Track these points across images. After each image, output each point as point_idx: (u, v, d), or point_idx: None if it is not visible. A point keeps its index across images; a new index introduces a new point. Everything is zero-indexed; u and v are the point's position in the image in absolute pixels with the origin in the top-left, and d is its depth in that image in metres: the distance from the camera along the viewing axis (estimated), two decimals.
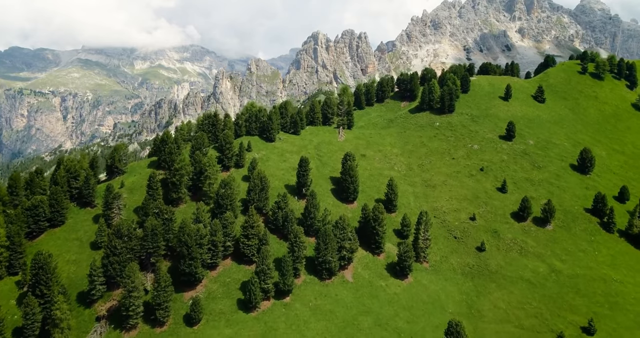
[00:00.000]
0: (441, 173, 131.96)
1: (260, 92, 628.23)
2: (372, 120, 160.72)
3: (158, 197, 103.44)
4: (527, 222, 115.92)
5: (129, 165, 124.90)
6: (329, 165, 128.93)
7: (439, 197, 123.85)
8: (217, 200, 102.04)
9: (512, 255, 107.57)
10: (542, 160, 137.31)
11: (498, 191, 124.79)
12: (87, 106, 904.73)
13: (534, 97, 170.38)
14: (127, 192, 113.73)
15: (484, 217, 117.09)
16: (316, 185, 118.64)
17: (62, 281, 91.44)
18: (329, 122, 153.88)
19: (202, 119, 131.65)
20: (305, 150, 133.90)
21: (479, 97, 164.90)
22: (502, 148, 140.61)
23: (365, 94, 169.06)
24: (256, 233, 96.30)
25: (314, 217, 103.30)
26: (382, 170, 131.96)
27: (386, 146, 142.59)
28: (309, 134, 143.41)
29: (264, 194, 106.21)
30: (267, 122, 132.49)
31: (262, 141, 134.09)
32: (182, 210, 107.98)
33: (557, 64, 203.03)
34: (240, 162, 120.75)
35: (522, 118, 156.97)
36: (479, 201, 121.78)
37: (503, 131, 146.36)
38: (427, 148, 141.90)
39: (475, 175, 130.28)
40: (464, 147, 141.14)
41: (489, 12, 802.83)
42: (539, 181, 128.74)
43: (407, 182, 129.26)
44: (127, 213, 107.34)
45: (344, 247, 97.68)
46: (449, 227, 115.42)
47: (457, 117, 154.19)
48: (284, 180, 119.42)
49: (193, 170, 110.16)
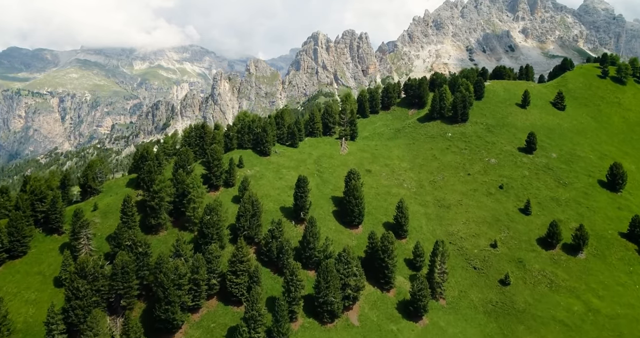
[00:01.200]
0: (456, 191, 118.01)
1: (260, 93, 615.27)
2: (377, 130, 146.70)
3: (133, 225, 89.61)
4: (556, 249, 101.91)
5: (105, 183, 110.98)
6: (331, 183, 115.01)
7: (455, 219, 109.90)
8: (201, 229, 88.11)
9: (541, 290, 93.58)
10: (568, 175, 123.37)
11: (521, 213, 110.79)
12: (86, 107, 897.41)
13: (553, 103, 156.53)
14: (101, 216, 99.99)
15: (506, 244, 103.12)
16: (316, 207, 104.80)
17: (18, 327, 77.86)
18: (330, 132, 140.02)
19: (189, 131, 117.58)
20: (304, 165, 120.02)
21: (494, 104, 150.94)
22: (523, 162, 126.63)
23: (370, 100, 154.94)
24: (246, 269, 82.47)
25: (314, 247, 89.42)
26: (389, 187, 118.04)
27: (394, 160, 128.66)
28: (308, 146, 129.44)
29: (255, 221, 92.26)
30: (262, 134, 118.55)
31: (255, 155, 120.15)
32: (162, 239, 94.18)
33: (575, 67, 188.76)
34: (230, 181, 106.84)
35: (541, 127, 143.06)
36: (500, 225, 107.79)
37: (522, 142, 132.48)
38: (439, 162, 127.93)
39: (494, 194, 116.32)
40: (480, 161, 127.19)
41: (491, 12, 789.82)
42: (565, 201, 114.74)
43: (418, 201, 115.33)
44: (99, 242, 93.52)
45: (349, 284, 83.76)
46: (467, 256, 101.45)
47: (471, 126, 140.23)
48: (279, 201, 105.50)
49: (175, 192, 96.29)
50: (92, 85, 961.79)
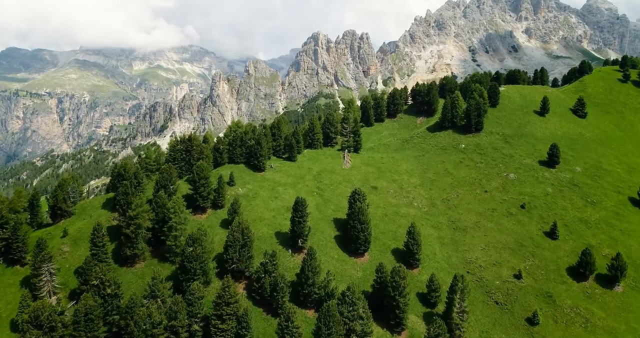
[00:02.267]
0: (472, 211, 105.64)
1: (259, 94, 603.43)
2: (383, 140, 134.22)
3: (105, 257, 77.47)
4: (589, 281, 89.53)
5: (79, 204, 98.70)
6: (332, 203, 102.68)
7: (472, 244, 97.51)
8: (182, 263, 75.86)
9: (575, 331, 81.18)
10: (595, 192, 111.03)
11: (547, 237, 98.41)
12: (84, 108, 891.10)
13: (573, 110, 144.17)
14: (71, 244, 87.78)
15: (532, 275, 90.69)
16: (316, 232, 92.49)
17: None
18: (331, 142, 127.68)
19: (174, 144, 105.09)
20: (302, 181, 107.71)
21: (510, 111, 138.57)
22: (545, 177, 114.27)
23: (375, 108, 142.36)
24: (233, 312, 70.19)
25: (313, 283, 77.11)
26: (398, 207, 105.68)
27: (402, 174, 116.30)
28: (307, 159, 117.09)
29: (246, 252, 79.94)
30: (255, 147, 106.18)
31: (248, 171, 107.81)
32: (138, 272, 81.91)
33: (594, 70, 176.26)
34: (219, 201, 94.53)
35: (563, 137, 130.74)
36: (524, 251, 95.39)
37: (543, 155, 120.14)
38: (453, 177, 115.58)
39: (515, 215, 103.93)
40: (498, 176, 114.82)
41: (494, 12, 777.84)
42: (595, 222, 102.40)
43: (431, 222, 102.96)
44: (67, 275, 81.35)
45: (354, 330, 71.48)
46: (488, 288, 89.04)
47: (486, 137, 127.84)
48: (274, 225, 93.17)
49: (155, 217, 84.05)
50: (91, 86, 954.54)
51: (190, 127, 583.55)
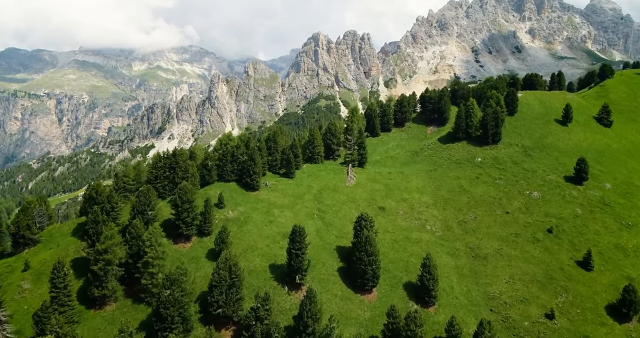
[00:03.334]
0: (493, 235, 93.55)
1: (258, 96, 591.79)
2: (390, 152, 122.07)
3: (66, 300, 65.42)
4: (633, 322, 77.46)
5: (46, 229, 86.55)
6: (335, 227, 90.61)
7: (495, 276, 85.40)
8: (157, 309, 63.81)
9: None
10: (630, 213, 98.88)
11: (580, 267, 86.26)
12: (83, 109, 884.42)
13: (597, 119, 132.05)
14: (33, 280, 75.70)
15: (566, 314, 78.58)
16: (317, 263, 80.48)
17: None
18: (333, 155, 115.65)
19: (156, 160, 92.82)
20: (301, 202, 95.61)
21: (529, 120, 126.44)
22: (573, 196, 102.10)
23: (381, 116, 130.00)
24: None
25: (313, 332, 65.08)
26: (409, 231, 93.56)
27: (412, 192, 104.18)
28: (306, 176, 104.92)
29: (234, 293, 67.84)
30: (248, 163, 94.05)
31: (240, 190, 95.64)
32: (108, 316, 69.80)
33: (615, 73, 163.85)
34: (206, 228, 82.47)
35: (588, 149, 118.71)
36: (555, 285, 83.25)
37: (569, 170, 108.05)
38: (469, 195, 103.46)
39: (542, 241, 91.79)
40: (520, 195, 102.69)
41: (497, 12, 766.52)
42: (634, 249, 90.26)
43: (446, 249, 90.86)
44: (24, 320, 69.25)
45: None
46: (516, 330, 76.92)
47: (504, 149, 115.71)
48: (268, 256, 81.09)
49: (128, 250, 72.04)
50: (90, 87, 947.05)
51: (189, 129, 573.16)
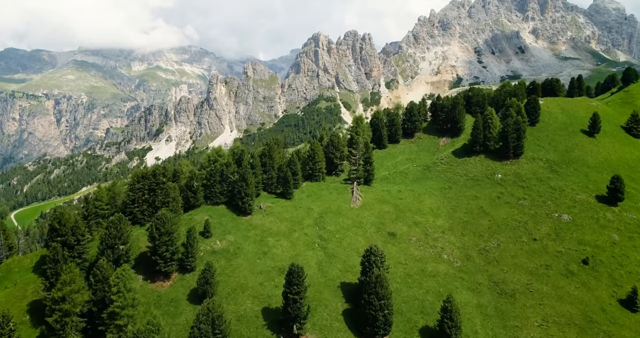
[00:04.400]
0: (519, 267, 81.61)
1: (257, 97, 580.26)
2: (399, 167, 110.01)
3: None
4: None
5: (4, 262, 74.60)
6: (339, 259, 78.66)
7: (524, 317, 73.46)
8: None
9: None
10: None
11: (623, 307, 74.40)
12: (82, 109, 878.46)
13: (626, 129, 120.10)
14: None
15: None
16: (318, 305, 68.55)
17: None
18: (336, 170, 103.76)
19: (135, 180, 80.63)
20: (300, 229, 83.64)
21: (553, 131, 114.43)
22: (608, 219, 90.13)
23: (388, 126, 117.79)
24: None
25: None
26: (424, 262, 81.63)
27: (426, 215, 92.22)
28: (306, 196, 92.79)
29: None
30: (240, 183, 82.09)
31: (230, 214, 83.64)
32: None
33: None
34: (188, 263, 70.55)
35: (619, 164, 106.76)
36: (596, 329, 71.32)
37: (600, 188, 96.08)
38: (490, 218, 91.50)
39: (577, 274, 79.85)
40: (548, 218, 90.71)
41: (500, 11, 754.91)
42: None
43: (467, 284, 78.93)
44: None
45: None
46: None
47: (527, 164, 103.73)
48: (261, 297, 69.13)
49: (93, 297, 60.10)
50: (88, 87, 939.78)
51: (187, 131, 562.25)
